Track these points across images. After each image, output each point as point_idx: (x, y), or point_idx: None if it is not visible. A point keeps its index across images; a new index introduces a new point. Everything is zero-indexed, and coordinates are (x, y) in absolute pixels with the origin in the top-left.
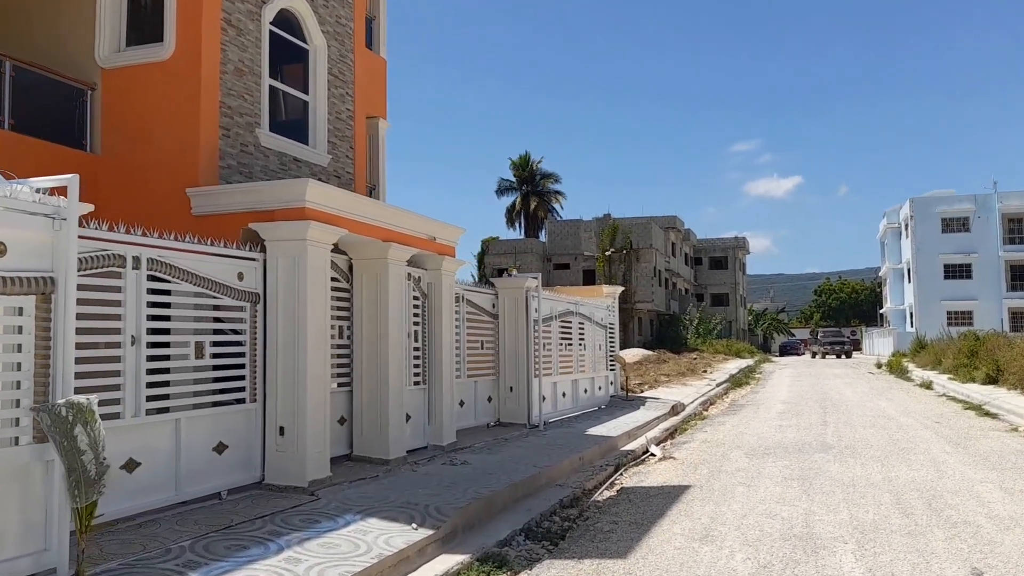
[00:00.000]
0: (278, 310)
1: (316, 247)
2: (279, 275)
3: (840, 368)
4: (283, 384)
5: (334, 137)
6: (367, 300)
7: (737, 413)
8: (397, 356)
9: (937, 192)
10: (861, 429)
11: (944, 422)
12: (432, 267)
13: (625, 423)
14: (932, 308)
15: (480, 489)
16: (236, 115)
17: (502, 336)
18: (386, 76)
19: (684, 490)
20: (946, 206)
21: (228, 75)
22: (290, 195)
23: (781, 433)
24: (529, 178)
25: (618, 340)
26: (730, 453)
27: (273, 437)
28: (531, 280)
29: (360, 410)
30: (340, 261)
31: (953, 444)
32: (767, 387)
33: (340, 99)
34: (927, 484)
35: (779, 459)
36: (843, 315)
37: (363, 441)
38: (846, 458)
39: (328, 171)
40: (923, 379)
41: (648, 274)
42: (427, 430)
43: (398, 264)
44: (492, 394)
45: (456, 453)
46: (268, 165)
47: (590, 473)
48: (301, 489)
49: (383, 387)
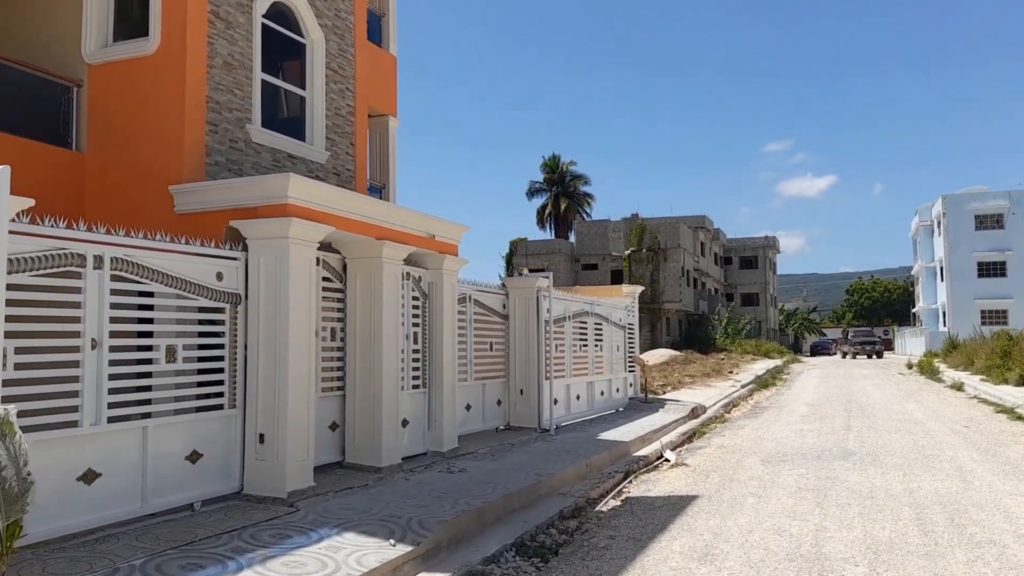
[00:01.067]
0: (259, 312)
1: (300, 245)
2: (261, 275)
3: (870, 369)
4: (263, 389)
5: (333, 134)
6: (361, 301)
7: (759, 416)
8: (392, 359)
9: (970, 189)
10: (885, 434)
11: (973, 426)
12: (433, 266)
13: (640, 427)
14: (965, 307)
15: (472, 500)
16: (225, 110)
17: (513, 337)
18: (396, 73)
19: (691, 501)
20: (979, 203)
21: (216, 69)
22: (272, 191)
23: (801, 438)
24: (559, 180)
25: (638, 341)
26: (745, 460)
27: (253, 445)
28: (542, 280)
29: (353, 415)
30: (333, 260)
31: (982, 451)
32: (793, 388)
33: (339, 94)
34: (951, 496)
35: (796, 467)
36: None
37: (355, 448)
38: (866, 466)
39: (326, 168)
40: (954, 380)
41: (676, 274)
42: (427, 436)
43: (393, 263)
44: (502, 397)
45: (456, 460)
46: (260, 162)
47: (597, 481)
48: (280, 500)
49: (376, 391)
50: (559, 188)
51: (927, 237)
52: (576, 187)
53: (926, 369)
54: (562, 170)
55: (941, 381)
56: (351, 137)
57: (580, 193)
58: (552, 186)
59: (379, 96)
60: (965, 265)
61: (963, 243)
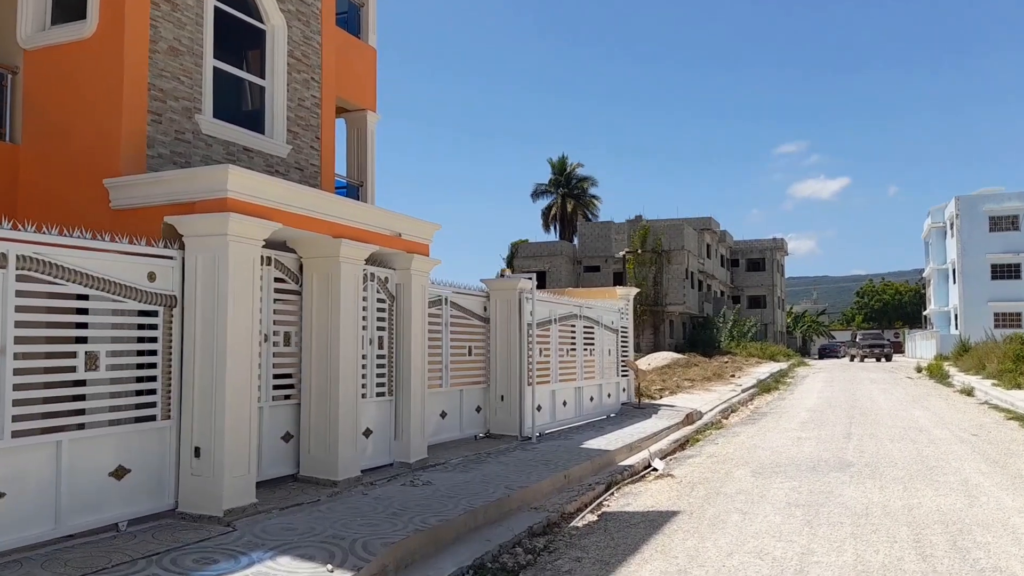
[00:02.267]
0: (196, 315)
1: (241, 243)
2: (198, 275)
3: (877, 372)
4: (199, 399)
5: (295, 126)
6: (318, 303)
7: (756, 422)
8: (351, 365)
9: (985, 190)
10: (887, 443)
11: (983, 435)
12: (401, 267)
13: (629, 434)
14: (978, 310)
15: (429, 517)
16: (170, 99)
17: (494, 341)
18: (376, 66)
19: (671, 517)
20: (994, 204)
21: (160, 55)
22: (210, 184)
23: (798, 447)
24: (565, 181)
25: (632, 344)
26: (735, 471)
27: (188, 459)
28: (524, 281)
29: (308, 425)
30: (288, 260)
31: (990, 462)
32: (796, 393)
33: (304, 85)
34: (954, 514)
35: (788, 479)
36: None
37: (310, 460)
38: (864, 479)
39: (288, 163)
40: (964, 385)
41: (680, 276)
42: (393, 446)
43: (353, 263)
44: (482, 404)
45: (424, 471)
46: (211, 155)
47: (575, 493)
48: (216, 519)
49: (332, 400)
50: (565, 190)
51: (940, 239)
52: (583, 189)
53: (935, 373)
54: (569, 172)
55: (951, 386)
56: (316, 130)
57: (587, 195)
58: (558, 188)
59: (355, 89)
60: (978, 267)
61: (977, 245)
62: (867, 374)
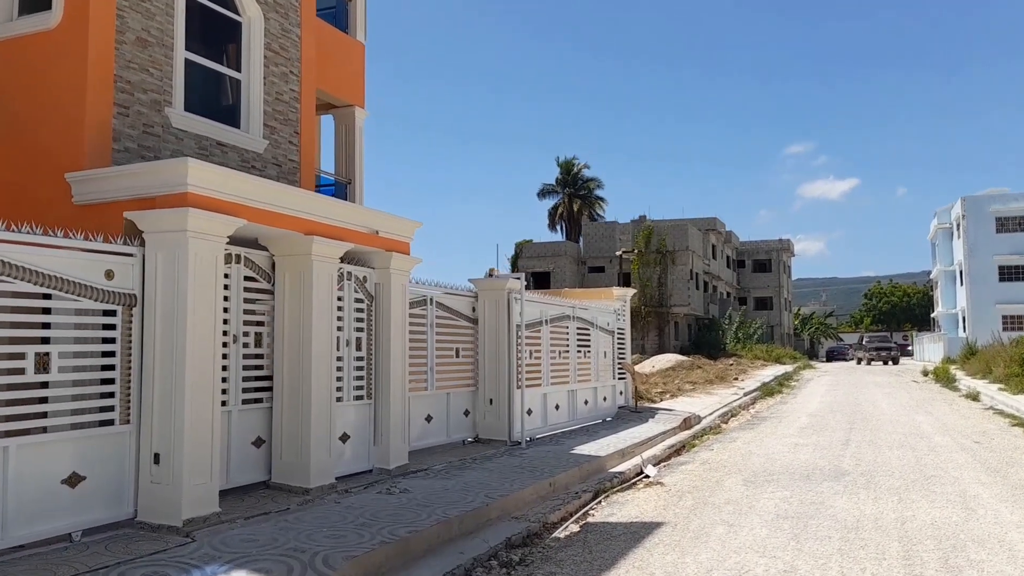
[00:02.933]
0: (156, 315)
1: (202, 240)
2: (158, 273)
3: (883, 376)
4: (159, 403)
5: (273, 120)
6: (290, 303)
7: (755, 427)
8: (324, 367)
9: (991, 190)
10: (886, 450)
11: (986, 442)
12: (380, 266)
13: (623, 439)
14: (985, 312)
15: (399, 528)
16: (138, 91)
17: (482, 343)
18: (364, 61)
19: (654, 529)
20: (1001, 204)
21: (127, 45)
22: (170, 178)
23: (794, 454)
24: (572, 182)
25: (628, 346)
26: (726, 479)
27: (147, 466)
28: (513, 280)
29: (280, 430)
30: (259, 258)
31: (991, 472)
32: (799, 397)
33: (282, 78)
34: (949, 528)
35: (780, 488)
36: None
37: (282, 466)
38: (858, 489)
39: (264, 158)
40: (970, 389)
41: (684, 277)
42: (372, 451)
43: (326, 261)
44: (470, 407)
45: (404, 478)
46: (182, 149)
47: (560, 502)
48: (175, 529)
49: (304, 403)
50: (571, 190)
51: (946, 240)
52: (589, 190)
53: (941, 377)
54: (575, 172)
55: (957, 390)
56: (295, 125)
57: (593, 196)
58: (564, 187)
59: (342, 84)
60: (986, 269)
61: (984, 246)
62: (872, 377)
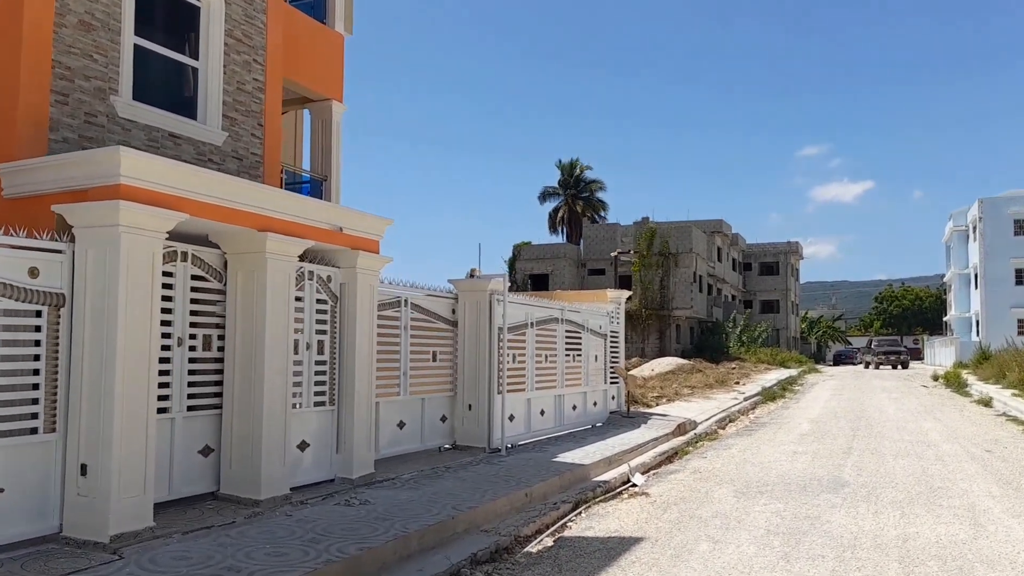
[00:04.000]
0: (85, 315)
1: (136, 235)
2: (88, 271)
3: (891, 380)
4: (87, 410)
5: (233, 111)
6: (243, 303)
7: (753, 434)
8: (278, 372)
9: (1009, 192)
10: (890, 459)
11: (997, 451)
12: (345, 265)
13: (611, 446)
14: (1001, 316)
15: (351, 545)
16: (79, 78)
17: (462, 346)
18: (343, 54)
19: (632, 545)
20: (1019, 207)
21: (67, 29)
22: (102, 168)
23: (791, 463)
24: (574, 184)
25: (622, 349)
26: (717, 490)
27: (74, 477)
28: (495, 281)
29: (229, 438)
30: (210, 256)
31: (1003, 483)
32: (801, 402)
33: (244, 67)
34: (955, 547)
35: (773, 500)
36: (906, 323)
37: (231, 476)
38: (858, 502)
39: (223, 151)
40: (982, 395)
41: (687, 279)
42: (335, 460)
43: (283, 259)
44: (448, 413)
45: (367, 488)
46: (129, 140)
47: (536, 513)
48: (101, 546)
49: (256, 410)
50: (573, 192)
51: (961, 243)
52: (591, 192)
53: (952, 382)
54: (578, 175)
55: (968, 395)
56: (258, 116)
57: (595, 198)
58: (566, 189)
59: (319, 76)
60: (1002, 272)
61: (1000, 249)
62: (880, 382)
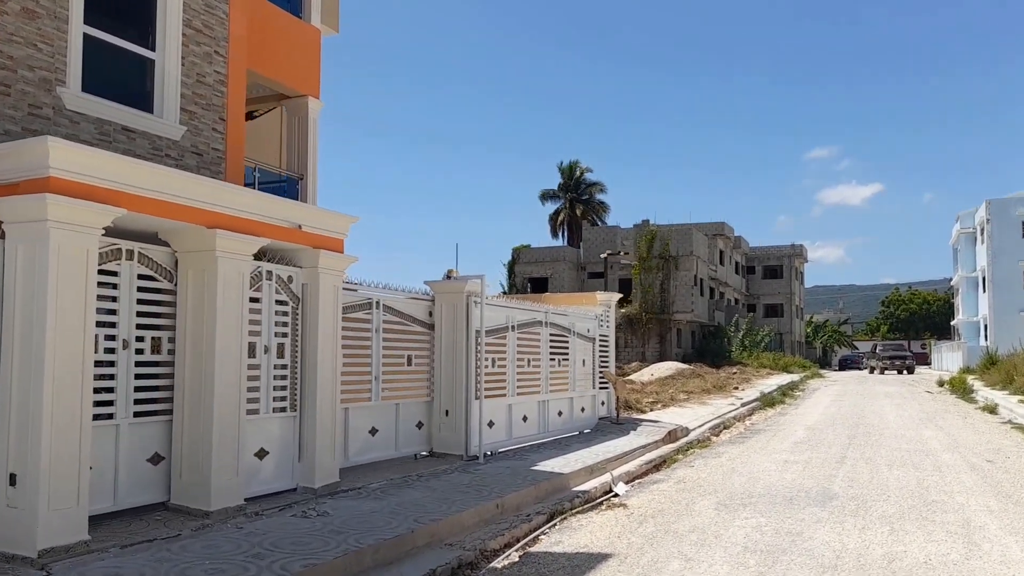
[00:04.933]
0: (15, 316)
1: (68, 231)
2: (18, 269)
3: (895, 386)
4: (16, 417)
5: (193, 105)
6: (193, 304)
7: (746, 441)
8: (230, 376)
9: (1019, 193)
10: (884, 470)
11: (1000, 461)
12: (307, 264)
13: (596, 453)
14: (1010, 319)
15: (295, 561)
16: (23, 68)
17: (439, 350)
18: (319, 48)
19: (599, 562)
20: None
21: (10, 16)
22: (32, 160)
23: (780, 473)
24: (575, 187)
25: (612, 353)
26: (699, 501)
27: (3, 488)
28: (472, 282)
29: (180, 446)
30: (158, 254)
31: (1003, 497)
32: (800, 408)
33: (205, 59)
34: (945, 569)
35: (756, 514)
36: (913, 327)
37: (182, 486)
38: (845, 517)
39: (181, 146)
40: (987, 401)
41: (688, 282)
42: (296, 468)
43: (235, 258)
44: (424, 419)
45: (329, 499)
46: (78, 134)
47: (506, 526)
48: (30, 560)
49: (206, 416)
50: (574, 195)
51: (969, 245)
52: (591, 195)
53: (958, 387)
54: (578, 177)
55: (973, 402)
56: (220, 110)
57: (596, 201)
58: (567, 192)
59: (294, 72)
60: (1010, 274)
61: (1009, 251)
62: (883, 388)
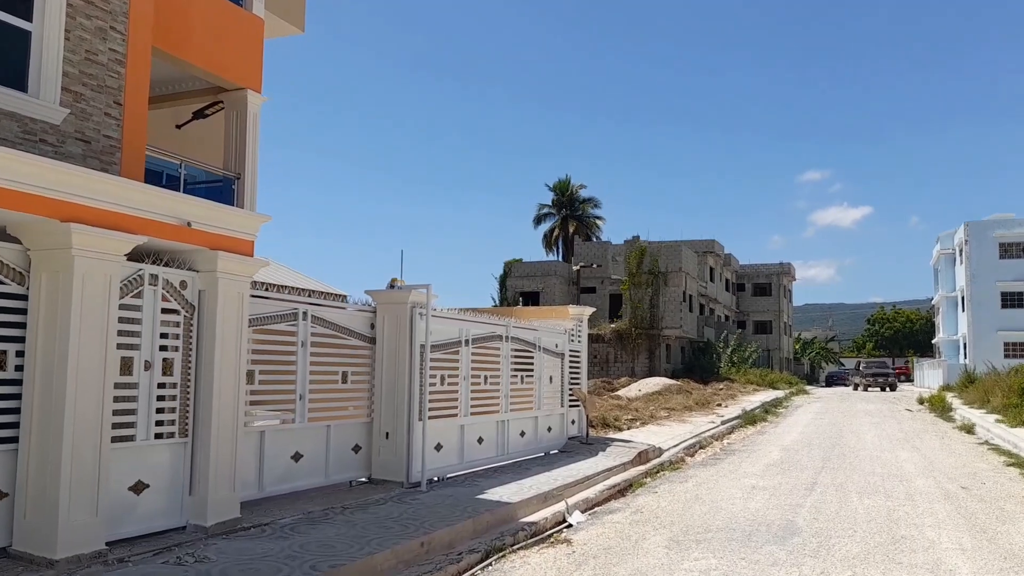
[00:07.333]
0: None
1: None
2: None
3: (876, 403)
4: None
5: (79, 85)
6: (46, 312)
7: (718, 463)
8: (89, 397)
9: (995, 216)
10: (855, 498)
11: (975, 487)
12: (204, 268)
13: (555, 478)
14: (987, 339)
15: None
16: None
17: (380, 366)
18: (261, 40)
19: None
20: (1004, 230)
21: None
22: None
23: (745, 502)
24: (568, 203)
25: (584, 370)
26: (650, 537)
27: None
28: (417, 292)
29: (25, 480)
30: (9, 253)
31: (976, 531)
32: (780, 426)
33: (96, 34)
34: None
35: (707, 554)
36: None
37: (26, 528)
38: (804, 557)
39: (62, 131)
40: (964, 421)
41: (677, 299)
42: (186, 503)
43: (101, 258)
44: (362, 442)
45: (223, 538)
46: None
47: (433, 567)
48: None
49: (55, 445)
50: (567, 211)
51: (948, 266)
52: (585, 210)
53: (937, 406)
54: (571, 193)
55: (951, 420)
56: (116, 94)
57: (589, 216)
58: (560, 209)
59: (232, 63)
60: (988, 295)
61: (986, 272)
62: (864, 405)
